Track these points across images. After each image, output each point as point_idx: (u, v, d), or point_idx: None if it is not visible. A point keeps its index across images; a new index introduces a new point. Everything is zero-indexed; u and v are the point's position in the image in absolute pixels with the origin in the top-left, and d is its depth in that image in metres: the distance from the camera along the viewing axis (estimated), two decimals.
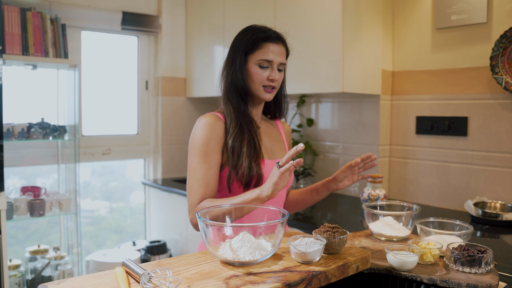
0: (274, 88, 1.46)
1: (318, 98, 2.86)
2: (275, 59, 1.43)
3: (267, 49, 1.42)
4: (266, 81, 1.43)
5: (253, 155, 1.39)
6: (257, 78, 1.43)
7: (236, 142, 1.39)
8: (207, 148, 1.38)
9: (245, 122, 1.44)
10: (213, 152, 1.38)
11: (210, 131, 1.39)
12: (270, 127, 1.60)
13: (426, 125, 2.40)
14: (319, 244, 1.06)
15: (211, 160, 1.37)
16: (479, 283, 1.08)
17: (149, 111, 3.38)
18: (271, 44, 1.43)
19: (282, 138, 1.61)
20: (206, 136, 1.38)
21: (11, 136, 2.48)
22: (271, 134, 1.57)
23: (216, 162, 1.39)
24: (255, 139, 1.43)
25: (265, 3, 2.67)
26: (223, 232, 1.08)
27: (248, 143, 1.40)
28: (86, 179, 3.27)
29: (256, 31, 1.44)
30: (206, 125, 1.40)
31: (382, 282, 1.20)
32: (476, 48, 2.20)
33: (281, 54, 1.44)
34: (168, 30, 3.33)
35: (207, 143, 1.38)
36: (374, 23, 2.45)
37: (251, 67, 1.43)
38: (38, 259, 2.72)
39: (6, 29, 2.46)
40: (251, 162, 1.37)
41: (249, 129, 1.43)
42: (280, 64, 1.45)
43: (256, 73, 1.43)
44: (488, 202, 2.13)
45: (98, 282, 0.92)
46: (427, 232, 1.33)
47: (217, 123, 1.41)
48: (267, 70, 1.43)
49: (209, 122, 1.40)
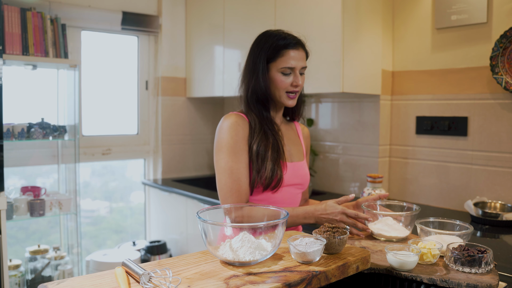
0: (297, 93, 1.50)
1: (318, 98, 2.86)
2: (297, 65, 1.45)
3: (288, 57, 1.44)
4: (290, 87, 1.46)
5: (277, 159, 1.44)
6: (282, 85, 1.45)
7: (261, 146, 1.43)
8: (238, 147, 1.41)
9: (268, 126, 1.47)
10: (243, 151, 1.42)
11: (239, 131, 1.43)
12: (289, 129, 1.63)
13: (426, 125, 2.40)
14: (319, 244, 1.06)
15: (244, 159, 1.42)
16: (479, 283, 1.08)
17: (149, 111, 3.38)
18: (291, 51, 1.45)
19: (301, 141, 1.64)
20: (236, 135, 1.42)
21: (11, 136, 2.48)
22: (290, 137, 1.60)
23: (245, 161, 1.43)
24: (279, 143, 1.47)
25: (265, 3, 2.67)
26: (223, 232, 1.08)
27: (272, 147, 1.44)
28: (86, 179, 3.27)
29: (275, 38, 1.46)
30: (234, 124, 1.43)
31: (382, 282, 1.20)
32: (476, 48, 2.20)
33: (302, 59, 1.47)
34: (168, 30, 3.33)
35: (237, 142, 1.42)
36: (374, 23, 2.45)
37: (274, 74, 1.46)
38: (38, 259, 2.72)
39: (6, 29, 2.46)
40: (274, 166, 1.42)
41: (273, 134, 1.47)
42: (302, 68, 1.48)
43: (280, 80, 1.45)
44: (488, 202, 2.13)
45: (98, 282, 0.92)
46: (427, 232, 1.33)
47: (242, 123, 1.45)
48: (290, 76, 1.46)
49: (236, 121, 1.44)
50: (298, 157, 1.58)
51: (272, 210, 1.20)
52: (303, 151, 1.62)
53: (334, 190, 2.78)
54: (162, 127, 3.35)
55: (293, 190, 1.54)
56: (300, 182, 1.55)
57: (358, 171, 2.65)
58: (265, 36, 1.49)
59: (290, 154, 1.55)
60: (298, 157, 1.58)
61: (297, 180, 1.54)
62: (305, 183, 1.58)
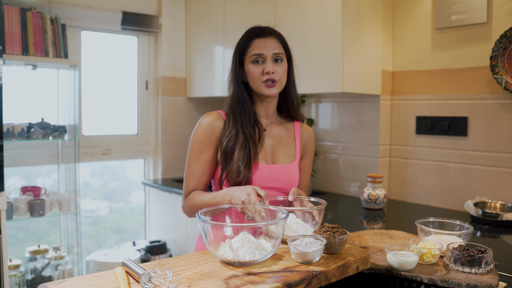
0: (274, 81, 1.43)
1: (318, 98, 2.86)
2: (266, 51, 1.42)
3: (254, 45, 1.43)
4: (263, 76, 1.42)
5: (245, 159, 1.40)
6: (254, 75, 1.43)
7: (229, 144, 1.42)
8: (201, 146, 1.44)
9: (244, 126, 1.44)
10: (206, 150, 1.44)
11: (207, 130, 1.45)
12: (282, 130, 1.54)
13: (426, 125, 2.40)
14: (319, 244, 1.06)
15: (204, 158, 1.44)
16: (479, 283, 1.08)
17: (149, 111, 3.38)
18: (257, 40, 1.44)
19: (295, 143, 1.54)
20: (202, 134, 1.45)
21: (11, 136, 2.48)
22: (279, 138, 1.52)
23: (208, 160, 1.45)
24: (250, 143, 1.42)
25: (265, 3, 2.67)
26: (223, 232, 1.08)
27: (242, 146, 1.41)
28: (86, 179, 3.27)
29: (245, 33, 1.47)
30: (203, 124, 1.46)
31: (382, 282, 1.20)
32: (476, 48, 2.20)
33: (272, 45, 1.43)
34: (168, 30, 3.33)
35: (201, 141, 1.44)
36: (374, 23, 2.45)
37: (247, 67, 1.45)
38: (38, 259, 2.72)
39: (6, 29, 2.46)
40: (240, 166, 1.39)
41: (245, 133, 1.43)
42: (274, 54, 1.43)
43: (252, 70, 1.43)
44: (488, 202, 2.13)
45: (98, 282, 0.92)
46: (427, 232, 1.33)
47: (216, 122, 1.46)
48: (262, 65, 1.43)
49: (208, 121, 1.45)
50: (284, 159, 1.49)
51: (272, 210, 1.20)
52: (294, 154, 1.52)
53: (334, 190, 2.78)
54: (162, 127, 3.35)
55: (273, 194, 1.44)
56: (280, 186, 1.46)
57: (358, 171, 2.65)
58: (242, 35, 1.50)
59: (272, 156, 1.48)
60: (285, 160, 1.49)
61: (276, 183, 1.45)
62: (288, 187, 1.47)
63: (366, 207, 2.32)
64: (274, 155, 1.49)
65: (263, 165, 1.44)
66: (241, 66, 1.48)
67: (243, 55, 1.46)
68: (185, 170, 1.48)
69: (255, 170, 1.42)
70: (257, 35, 1.44)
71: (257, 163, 1.43)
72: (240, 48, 1.46)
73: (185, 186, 1.47)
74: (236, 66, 1.48)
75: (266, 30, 1.45)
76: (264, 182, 1.43)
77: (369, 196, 2.29)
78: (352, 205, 2.46)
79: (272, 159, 1.49)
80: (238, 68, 1.48)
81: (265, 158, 1.47)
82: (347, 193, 2.71)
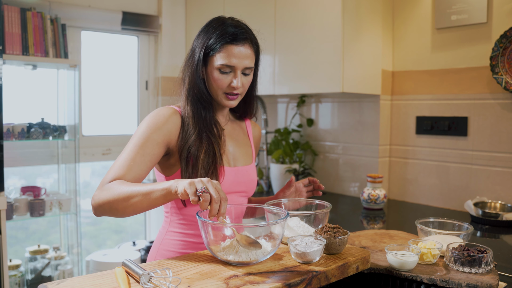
0: (237, 94, 1.29)
1: (318, 98, 2.86)
2: (238, 64, 1.25)
3: (228, 53, 1.24)
4: (227, 88, 1.27)
5: (211, 165, 1.25)
6: (218, 84, 1.27)
7: (192, 149, 1.24)
8: (150, 136, 1.22)
9: (206, 127, 1.29)
10: (154, 142, 1.22)
11: (161, 122, 1.24)
12: (237, 129, 1.45)
13: (426, 125, 2.40)
14: (319, 244, 1.06)
15: (148, 149, 1.21)
16: (479, 283, 1.08)
17: (149, 111, 3.38)
18: (234, 46, 1.24)
19: (250, 142, 1.46)
20: (154, 124, 1.24)
21: (11, 136, 2.48)
22: (236, 138, 1.42)
23: (152, 154, 1.22)
24: (215, 147, 1.27)
25: (265, 3, 2.67)
26: (223, 232, 1.08)
27: (206, 151, 1.25)
28: (86, 179, 3.27)
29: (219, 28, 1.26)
30: (159, 115, 1.26)
31: (382, 282, 1.20)
32: (476, 48, 2.20)
33: (246, 57, 1.26)
34: (168, 30, 3.33)
35: (152, 131, 1.22)
36: (374, 23, 2.45)
37: (212, 71, 1.27)
38: (38, 259, 2.72)
39: (6, 29, 2.46)
40: (207, 173, 1.24)
41: (209, 136, 1.28)
42: (245, 68, 1.27)
43: (217, 78, 1.26)
44: (488, 202, 2.13)
45: (98, 282, 0.92)
46: (427, 232, 1.33)
47: (172, 117, 1.27)
48: (229, 76, 1.26)
49: (164, 114, 1.26)
50: (244, 160, 1.39)
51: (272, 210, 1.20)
52: (251, 154, 1.43)
53: (334, 190, 2.78)
54: None
55: (236, 198, 1.35)
56: (243, 189, 1.37)
57: (358, 171, 2.65)
58: (211, 24, 1.29)
59: (233, 158, 1.36)
60: (245, 161, 1.39)
61: (240, 187, 1.35)
62: (250, 190, 1.39)
63: (366, 207, 2.32)
64: (234, 157, 1.37)
65: (228, 168, 1.32)
66: (203, 63, 1.29)
67: (209, 54, 1.27)
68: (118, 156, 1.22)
69: (221, 175, 1.28)
70: (231, 40, 1.24)
71: (222, 166, 1.29)
72: (208, 47, 1.26)
73: (111, 171, 1.17)
74: (199, 61, 1.28)
75: (241, 35, 1.25)
76: (230, 187, 1.32)
77: (369, 196, 2.29)
78: (352, 205, 2.47)
79: (233, 161, 1.37)
80: (201, 65, 1.29)
81: (227, 160, 1.34)
82: (347, 193, 2.71)
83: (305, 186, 1.46)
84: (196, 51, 1.30)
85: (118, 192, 1.09)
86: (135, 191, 1.07)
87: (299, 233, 1.20)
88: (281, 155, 2.80)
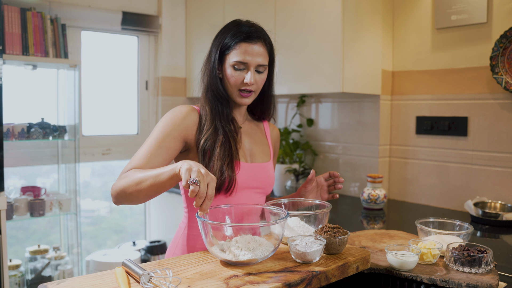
0: (251, 92, 1.35)
1: (318, 98, 2.86)
2: (252, 61, 1.31)
3: (242, 50, 1.31)
4: (241, 85, 1.33)
5: (226, 158, 1.30)
6: (232, 81, 1.33)
7: (208, 143, 1.30)
8: (168, 131, 1.28)
9: (222, 122, 1.35)
10: (170, 137, 1.28)
11: (179, 118, 1.31)
12: (254, 128, 1.49)
13: (426, 125, 2.40)
14: (319, 244, 1.06)
15: (165, 143, 1.27)
16: (479, 283, 1.08)
17: (149, 111, 3.38)
18: (247, 44, 1.31)
19: (268, 141, 1.50)
20: (172, 120, 1.30)
21: (11, 136, 2.48)
22: (253, 136, 1.46)
23: (169, 147, 1.28)
24: (231, 141, 1.33)
25: (265, 3, 2.67)
26: (223, 232, 1.08)
27: (222, 144, 1.31)
28: (86, 179, 3.27)
29: (234, 28, 1.34)
30: (177, 112, 1.33)
31: (382, 282, 1.20)
32: (476, 48, 2.20)
33: (259, 54, 1.32)
34: (168, 30, 3.33)
35: (170, 126, 1.29)
36: (374, 23, 2.45)
37: (227, 68, 1.34)
38: (38, 259, 2.72)
39: (6, 29, 2.46)
40: (222, 165, 1.28)
41: (225, 130, 1.34)
42: (258, 66, 1.33)
43: (231, 75, 1.33)
44: (488, 202, 2.13)
45: (98, 282, 0.92)
46: (427, 232, 1.33)
47: (190, 114, 1.34)
48: (243, 72, 1.32)
49: (182, 111, 1.33)
50: (262, 158, 1.44)
51: (272, 210, 1.20)
52: (269, 152, 1.48)
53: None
54: None
55: (252, 195, 1.39)
56: (260, 185, 1.40)
57: (358, 171, 2.65)
58: (228, 26, 1.37)
59: (250, 154, 1.41)
60: (262, 158, 1.44)
61: (256, 183, 1.39)
62: (267, 186, 1.43)
63: (366, 207, 2.32)
64: (252, 153, 1.42)
65: (244, 163, 1.36)
66: (219, 62, 1.36)
67: (224, 53, 1.34)
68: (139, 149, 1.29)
69: (237, 169, 1.33)
70: (244, 38, 1.31)
71: (239, 161, 1.34)
72: (223, 46, 1.34)
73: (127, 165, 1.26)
74: (215, 60, 1.35)
75: (254, 34, 1.32)
76: (247, 182, 1.36)
77: (369, 196, 2.29)
78: (352, 205, 2.46)
79: (250, 157, 1.41)
80: (218, 63, 1.36)
81: (244, 156, 1.39)
82: (347, 193, 2.71)
83: (326, 180, 1.47)
84: (212, 51, 1.37)
85: (133, 178, 1.17)
86: (146, 175, 1.14)
87: (299, 233, 1.20)
88: (281, 155, 2.80)
